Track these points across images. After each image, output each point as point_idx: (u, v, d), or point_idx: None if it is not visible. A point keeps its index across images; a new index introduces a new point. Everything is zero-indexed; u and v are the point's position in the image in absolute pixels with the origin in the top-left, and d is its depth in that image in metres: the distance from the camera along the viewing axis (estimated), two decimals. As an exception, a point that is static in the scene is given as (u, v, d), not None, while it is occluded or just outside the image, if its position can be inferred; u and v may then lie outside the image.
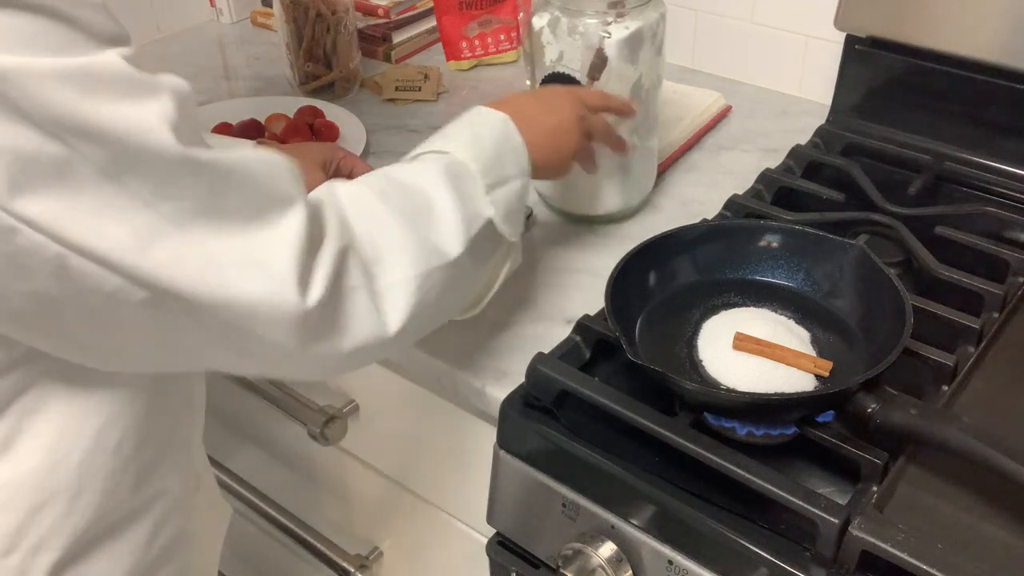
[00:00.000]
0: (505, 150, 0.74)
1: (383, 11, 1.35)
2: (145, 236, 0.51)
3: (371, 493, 1.07)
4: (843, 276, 0.78)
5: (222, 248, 0.54)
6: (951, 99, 1.01)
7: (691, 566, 0.67)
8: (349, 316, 0.60)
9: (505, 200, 0.73)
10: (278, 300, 0.56)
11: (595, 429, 0.72)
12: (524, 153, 0.75)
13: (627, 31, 0.86)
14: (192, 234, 0.53)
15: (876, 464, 0.65)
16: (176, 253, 0.53)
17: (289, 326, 0.57)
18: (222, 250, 0.54)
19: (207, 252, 0.54)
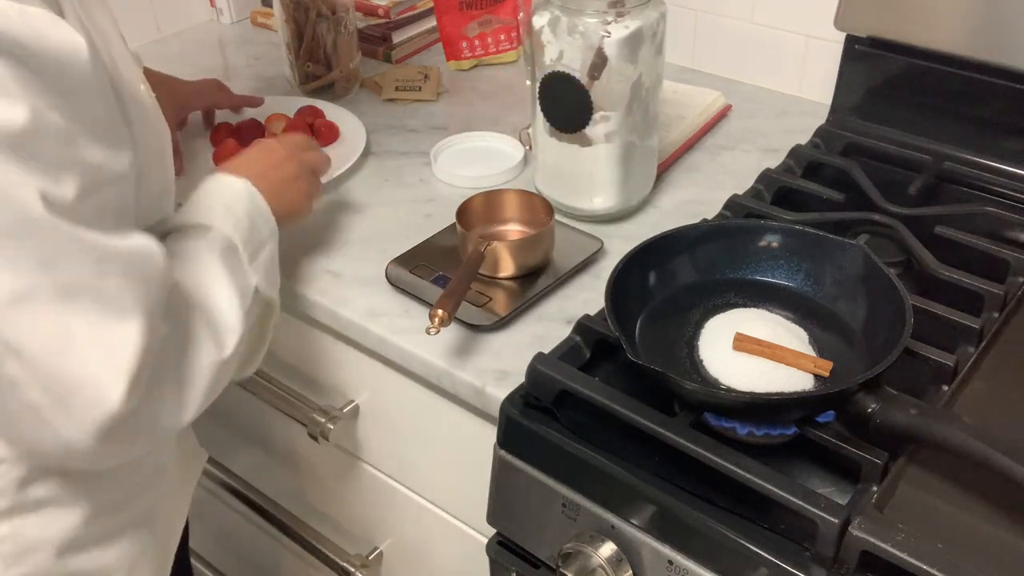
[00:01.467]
0: (255, 216, 0.79)
1: (383, 11, 1.35)
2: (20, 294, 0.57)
3: (371, 493, 1.07)
4: (843, 276, 0.78)
5: (82, 324, 0.59)
6: (951, 99, 1.01)
7: (691, 566, 0.67)
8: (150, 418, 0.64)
9: (264, 264, 0.78)
10: (102, 389, 0.60)
11: (595, 429, 0.72)
12: (269, 214, 0.80)
13: (627, 31, 0.86)
14: (63, 306, 0.58)
15: (876, 464, 0.65)
16: (38, 315, 0.58)
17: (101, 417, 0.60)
18: (81, 326, 0.59)
19: (68, 324, 0.59)
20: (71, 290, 0.58)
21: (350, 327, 0.89)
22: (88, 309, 0.59)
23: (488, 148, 1.11)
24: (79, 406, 0.60)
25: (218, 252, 0.73)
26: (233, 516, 1.26)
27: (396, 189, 1.06)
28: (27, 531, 0.71)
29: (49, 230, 0.57)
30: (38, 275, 0.57)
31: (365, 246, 0.96)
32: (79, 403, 0.60)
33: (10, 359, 0.58)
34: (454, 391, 0.83)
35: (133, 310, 0.61)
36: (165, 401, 0.65)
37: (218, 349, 0.70)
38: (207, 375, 0.69)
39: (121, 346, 0.60)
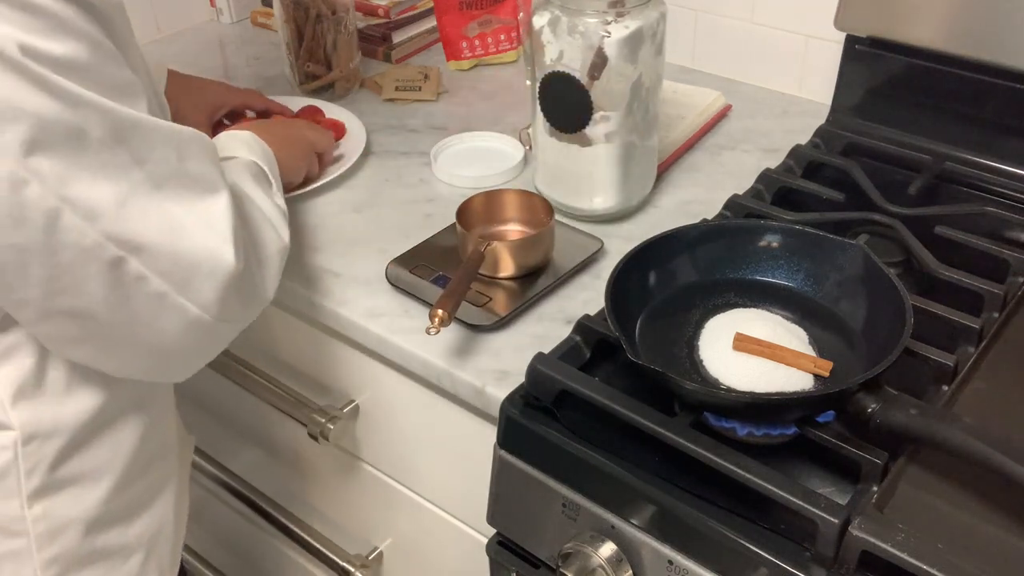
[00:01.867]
0: (268, 157, 0.85)
1: (383, 11, 1.35)
2: (124, 196, 0.62)
3: (371, 493, 1.07)
4: (843, 276, 0.78)
5: (182, 208, 0.65)
6: (951, 99, 1.01)
7: (691, 566, 0.67)
8: (252, 284, 0.72)
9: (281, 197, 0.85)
10: (219, 256, 0.67)
11: (595, 429, 0.72)
12: (275, 161, 0.86)
13: (627, 30, 0.86)
14: (161, 195, 0.64)
15: (876, 464, 0.65)
16: (146, 210, 0.63)
17: (223, 281, 0.67)
18: (182, 210, 0.65)
19: (170, 211, 0.65)
20: (164, 180, 0.64)
21: (350, 327, 0.89)
22: (182, 193, 0.66)
23: (488, 148, 1.11)
24: (201, 278, 0.66)
25: (248, 173, 0.79)
26: (233, 516, 1.26)
27: (396, 189, 1.06)
28: (58, 510, 0.74)
29: (132, 132, 0.62)
30: (134, 174, 0.63)
31: (365, 246, 0.96)
32: (201, 276, 0.66)
33: (134, 257, 0.63)
34: (454, 391, 0.83)
35: (215, 183, 0.68)
36: (255, 275, 0.72)
37: (279, 236, 0.77)
38: (276, 258, 0.76)
39: (217, 216, 0.67)
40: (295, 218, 1.00)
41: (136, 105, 0.64)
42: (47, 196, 0.59)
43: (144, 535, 0.82)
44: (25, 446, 0.71)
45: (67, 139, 0.59)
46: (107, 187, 0.61)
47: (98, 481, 0.76)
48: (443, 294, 0.80)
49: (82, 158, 0.60)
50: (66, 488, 0.74)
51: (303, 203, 1.03)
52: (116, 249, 0.62)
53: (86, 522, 0.76)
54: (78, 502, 0.75)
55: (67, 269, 0.62)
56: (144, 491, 0.82)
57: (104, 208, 0.61)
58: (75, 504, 0.75)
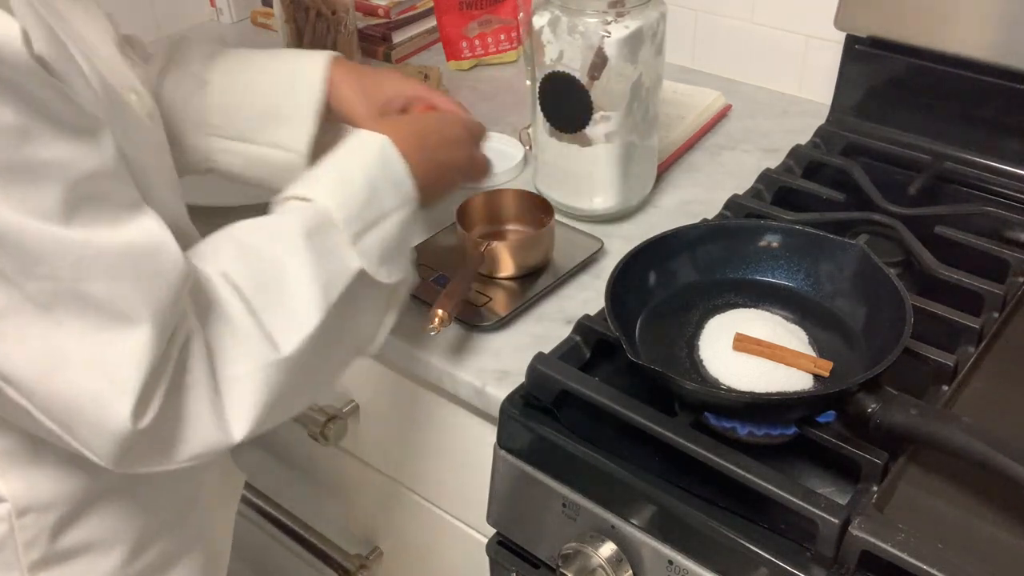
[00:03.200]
0: (381, 181, 0.69)
1: (383, 11, 1.35)
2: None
3: (371, 493, 1.07)
4: (843, 276, 0.78)
5: (71, 339, 0.52)
6: (951, 99, 1.01)
7: (691, 566, 0.67)
8: (185, 426, 0.57)
9: (381, 241, 0.68)
10: (107, 407, 0.53)
11: (595, 429, 0.72)
12: (407, 179, 0.71)
13: (627, 30, 0.86)
14: (49, 319, 0.52)
15: (876, 464, 0.65)
16: (22, 335, 0.52)
17: (115, 438, 0.54)
18: (70, 341, 0.52)
19: (55, 340, 0.52)
20: (51, 300, 0.51)
21: (350, 327, 0.89)
22: (74, 320, 0.52)
23: (488, 148, 1.10)
24: (86, 429, 0.54)
25: (305, 231, 0.64)
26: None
27: (396, 189, 1.05)
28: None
29: (13, 237, 0.50)
30: (11, 290, 0.51)
31: (365, 246, 0.96)
32: (85, 426, 0.54)
33: (8, 387, 0.53)
34: (454, 391, 0.83)
35: (130, 315, 0.53)
36: (198, 414, 0.57)
37: (271, 348, 0.60)
38: (256, 380, 0.59)
39: (119, 357, 0.53)
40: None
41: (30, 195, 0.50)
42: None
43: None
44: (20, 518, 0.64)
45: None
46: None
47: (108, 551, 0.68)
48: (443, 294, 0.80)
49: None
50: (71, 559, 0.67)
51: (303, 203, 1.03)
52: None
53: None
54: (87, 573, 0.68)
55: None
56: (167, 553, 0.73)
57: None
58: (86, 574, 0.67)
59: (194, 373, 0.57)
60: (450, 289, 0.81)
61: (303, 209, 0.66)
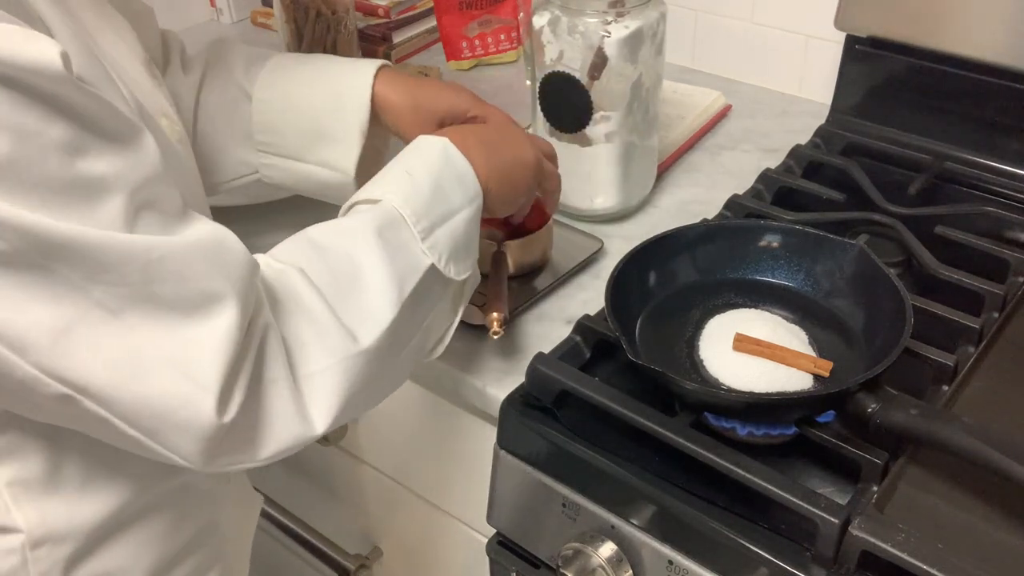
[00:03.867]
0: (446, 179, 0.70)
1: (383, 11, 1.35)
2: (65, 324, 0.49)
3: (371, 493, 1.07)
4: (843, 276, 0.78)
5: (146, 341, 0.52)
6: (951, 99, 1.01)
7: (691, 566, 0.67)
8: (268, 421, 0.57)
9: (449, 237, 0.69)
10: (192, 405, 0.53)
11: (595, 429, 0.72)
12: (470, 176, 0.71)
13: (627, 30, 0.86)
14: (120, 323, 0.51)
15: (876, 464, 0.65)
16: (95, 343, 0.50)
17: (202, 435, 0.54)
18: (146, 343, 0.52)
19: (129, 344, 0.51)
20: (121, 305, 0.51)
21: (350, 327, 0.89)
22: (146, 322, 0.51)
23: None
24: (172, 431, 0.53)
25: (376, 228, 0.64)
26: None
27: (396, 189, 1.05)
28: None
29: (78, 248, 0.49)
30: (78, 298, 0.50)
31: (365, 246, 0.96)
32: (171, 428, 0.53)
33: (83, 397, 0.51)
34: (454, 391, 0.83)
35: (202, 309, 0.53)
36: (281, 408, 0.57)
37: (351, 341, 0.60)
38: (336, 372, 0.59)
39: (196, 353, 0.52)
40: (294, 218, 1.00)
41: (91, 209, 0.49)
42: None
43: None
44: (34, 550, 0.62)
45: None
46: (41, 313, 0.49)
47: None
48: (490, 297, 0.78)
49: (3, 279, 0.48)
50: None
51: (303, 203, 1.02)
52: (59, 386, 0.51)
53: None
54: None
55: (17, 397, 0.52)
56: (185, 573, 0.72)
57: (34, 339, 0.49)
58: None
59: (273, 368, 0.57)
60: (493, 292, 0.80)
61: (372, 210, 0.67)
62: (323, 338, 0.60)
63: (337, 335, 0.60)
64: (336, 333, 0.60)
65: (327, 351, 0.60)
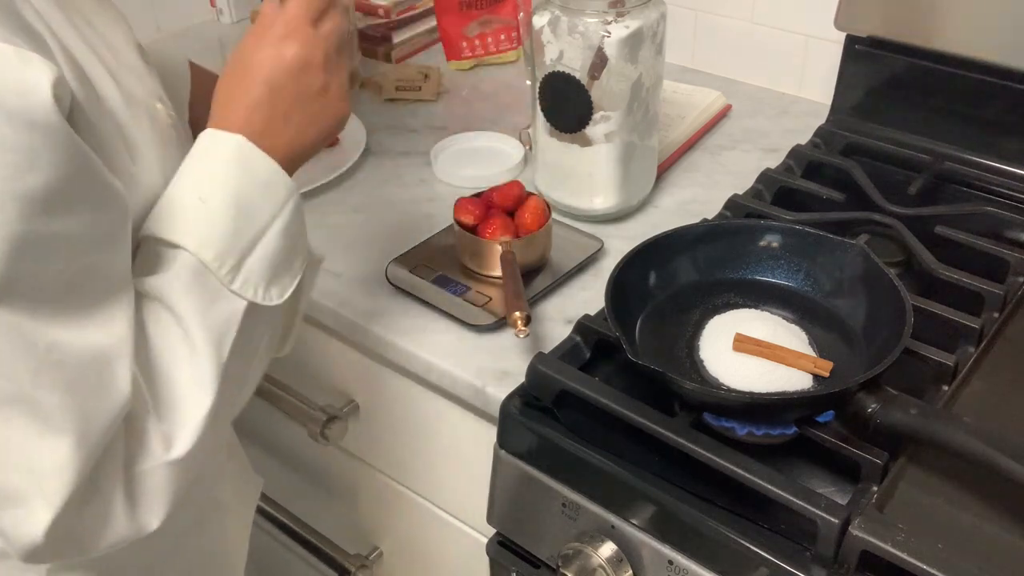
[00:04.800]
0: (247, 194, 0.61)
1: (383, 11, 1.35)
2: None
3: (371, 493, 1.07)
4: (843, 276, 0.78)
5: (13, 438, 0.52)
6: (951, 99, 1.01)
7: (691, 566, 0.67)
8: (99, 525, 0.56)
9: (264, 260, 0.62)
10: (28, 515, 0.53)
11: (595, 429, 0.72)
12: (277, 176, 0.63)
13: (627, 30, 0.86)
14: None
15: (876, 464, 0.65)
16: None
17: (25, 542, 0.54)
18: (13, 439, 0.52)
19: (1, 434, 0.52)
20: (5, 399, 0.51)
21: (350, 327, 0.89)
22: (22, 422, 0.52)
23: (488, 148, 1.11)
24: (8, 522, 0.54)
25: (185, 284, 0.59)
26: (233, 516, 1.26)
27: (396, 189, 1.06)
28: None
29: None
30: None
31: (365, 246, 0.96)
32: (7, 519, 0.54)
33: None
34: (454, 391, 0.83)
35: (70, 430, 0.52)
36: (112, 513, 0.57)
37: (165, 449, 0.58)
38: (160, 479, 0.58)
39: (51, 469, 0.52)
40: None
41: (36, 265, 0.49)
42: None
43: None
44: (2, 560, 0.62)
45: None
46: None
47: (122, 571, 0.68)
48: (509, 297, 0.79)
49: None
50: None
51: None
52: None
53: None
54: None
55: None
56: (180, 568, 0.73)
57: None
58: None
59: (110, 474, 0.56)
60: (511, 292, 0.80)
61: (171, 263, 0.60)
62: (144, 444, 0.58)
63: (156, 442, 0.58)
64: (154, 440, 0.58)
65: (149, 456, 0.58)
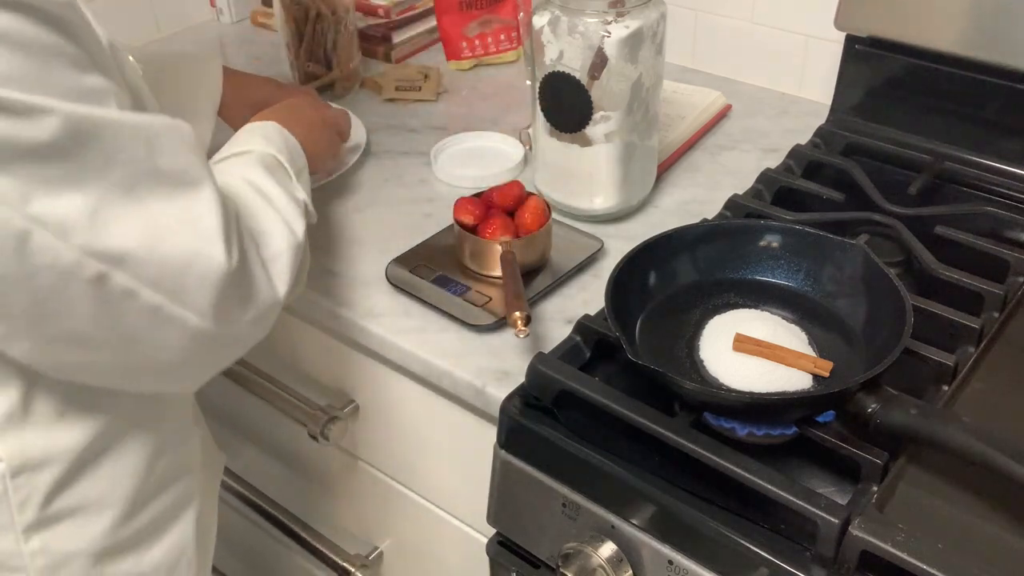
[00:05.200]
0: (292, 146, 0.84)
1: (383, 11, 1.35)
2: (95, 204, 0.57)
3: (371, 493, 1.07)
4: (843, 276, 0.78)
5: (160, 209, 0.60)
6: (951, 99, 1.01)
7: (691, 566, 0.67)
8: (252, 283, 0.67)
9: (306, 186, 0.82)
10: (207, 255, 0.62)
11: (595, 429, 0.72)
12: (300, 150, 0.85)
13: (627, 30, 0.86)
14: (135, 197, 0.59)
15: (876, 464, 0.65)
16: (121, 217, 0.58)
17: (216, 283, 0.63)
18: (160, 210, 0.60)
19: (147, 213, 0.59)
20: (136, 181, 0.59)
21: (350, 327, 0.89)
22: (158, 192, 0.60)
23: (488, 148, 1.11)
24: (193, 283, 0.62)
25: (262, 165, 0.77)
26: (233, 516, 1.26)
27: (396, 189, 1.06)
28: (58, 543, 0.70)
29: (93, 134, 0.57)
30: (103, 180, 0.57)
31: (365, 246, 0.96)
32: (192, 280, 0.62)
33: (118, 270, 0.58)
34: (454, 391, 0.83)
35: (194, 176, 0.63)
36: (256, 274, 0.68)
37: (291, 232, 0.73)
38: (286, 254, 0.72)
39: (200, 212, 0.62)
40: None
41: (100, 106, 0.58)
42: (13, 217, 0.54)
43: (162, 564, 0.77)
44: (14, 478, 0.67)
45: (22, 153, 0.53)
46: (76, 198, 0.56)
47: (101, 511, 0.71)
48: (509, 297, 0.79)
49: (43, 170, 0.54)
50: (65, 520, 0.70)
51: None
52: (97, 264, 0.57)
53: (92, 554, 0.71)
54: (80, 534, 0.71)
55: (50, 293, 0.57)
56: (158, 517, 0.77)
57: (75, 221, 0.56)
58: (77, 536, 0.71)
59: (247, 244, 0.67)
60: (511, 292, 0.80)
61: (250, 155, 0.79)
62: (276, 227, 0.72)
63: (283, 225, 0.73)
64: (282, 224, 0.73)
65: (280, 237, 0.72)
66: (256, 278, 0.68)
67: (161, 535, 0.77)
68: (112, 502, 0.72)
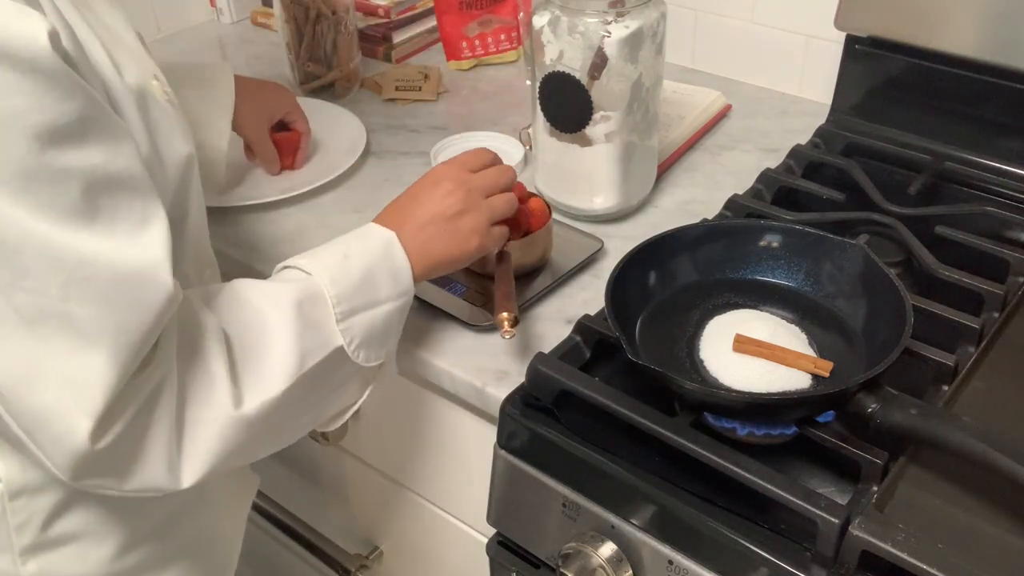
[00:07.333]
0: (380, 270, 0.72)
1: (383, 11, 1.35)
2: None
3: (371, 493, 1.07)
4: (843, 276, 0.78)
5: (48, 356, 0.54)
6: (951, 99, 1.01)
7: (691, 566, 0.67)
8: (141, 459, 0.59)
9: (367, 325, 0.70)
10: (68, 423, 0.55)
11: (595, 429, 0.72)
12: (406, 274, 0.73)
13: (627, 30, 0.86)
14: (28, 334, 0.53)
15: (876, 464, 0.65)
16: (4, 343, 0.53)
17: (72, 452, 0.56)
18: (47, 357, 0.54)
19: (31, 354, 0.54)
20: (36, 315, 0.53)
21: (350, 327, 0.89)
22: (54, 338, 0.54)
23: (488, 148, 1.11)
24: (48, 441, 0.56)
25: (296, 299, 0.66)
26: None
27: (396, 189, 1.04)
28: (56, 568, 0.69)
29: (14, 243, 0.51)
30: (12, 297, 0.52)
31: (365, 246, 0.96)
32: (48, 438, 0.56)
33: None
34: (454, 391, 0.83)
35: (105, 342, 0.55)
36: (153, 453, 0.59)
37: (235, 403, 0.61)
38: (213, 431, 0.61)
39: (87, 380, 0.54)
40: (294, 219, 1.00)
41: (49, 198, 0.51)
42: None
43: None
44: (12, 500, 0.65)
45: None
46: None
47: (102, 539, 0.70)
48: (499, 297, 0.78)
49: None
50: (64, 545, 0.68)
51: (303, 203, 1.03)
52: None
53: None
54: (79, 561, 0.69)
55: None
56: (170, 546, 0.74)
57: None
58: (76, 563, 0.69)
59: (160, 412, 0.58)
60: (501, 292, 0.79)
61: (300, 280, 0.69)
62: (212, 392, 0.61)
63: (225, 393, 0.61)
64: (225, 391, 0.61)
65: (212, 405, 0.61)
66: (146, 457, 0.59)
67: (171, 566, 0.75)
68: (112, 533, 0.70)
